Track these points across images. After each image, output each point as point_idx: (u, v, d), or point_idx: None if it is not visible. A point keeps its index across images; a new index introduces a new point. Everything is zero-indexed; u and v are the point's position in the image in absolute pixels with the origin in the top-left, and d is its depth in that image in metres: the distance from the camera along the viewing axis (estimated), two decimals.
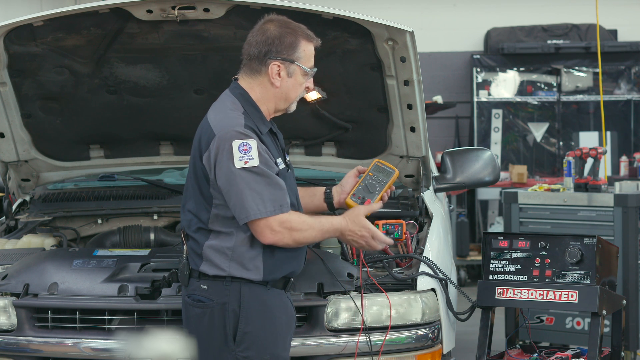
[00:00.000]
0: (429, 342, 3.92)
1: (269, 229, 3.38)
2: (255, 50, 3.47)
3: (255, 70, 3.49)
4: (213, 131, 3.40)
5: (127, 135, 4.76)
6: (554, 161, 10.74)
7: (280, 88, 3.50)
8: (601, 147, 6.14)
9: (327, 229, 3.54)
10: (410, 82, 4.13)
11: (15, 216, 4.85)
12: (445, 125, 11.16)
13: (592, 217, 5.87)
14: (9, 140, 4.55)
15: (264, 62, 3.47)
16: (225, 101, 3.51)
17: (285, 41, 3.46)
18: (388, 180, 3.82)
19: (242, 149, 3.34)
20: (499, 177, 5.08)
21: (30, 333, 3.88)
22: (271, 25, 3.49)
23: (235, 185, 3.35)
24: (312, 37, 3.54)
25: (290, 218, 3.42)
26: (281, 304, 3.52)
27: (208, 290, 3.45)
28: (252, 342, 3.43)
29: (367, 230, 3.61)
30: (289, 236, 3.42)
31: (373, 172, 3.85)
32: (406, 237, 4.19)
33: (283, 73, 3.48)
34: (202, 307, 3.45)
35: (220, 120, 3.43)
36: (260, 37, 3.47)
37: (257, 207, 3.35)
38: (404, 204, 4.63)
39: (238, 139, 3.35)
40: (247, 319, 3.42)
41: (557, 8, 11.14)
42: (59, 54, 4.19)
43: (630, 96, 10.70)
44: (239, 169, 3.34)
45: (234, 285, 3.43)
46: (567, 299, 4.06)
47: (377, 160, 3.89)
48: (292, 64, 3.49)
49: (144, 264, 4.08)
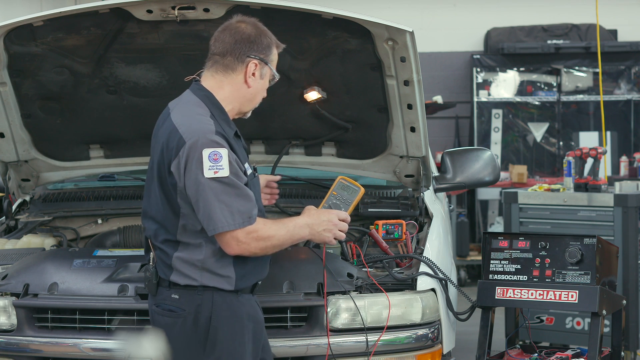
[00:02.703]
0: (429, 342, 3.93)
1: (235, 240, 3.29)
2: (234, 47, 3.39)
3: (229, 68, 3.42)
4: (182, 138, 3.28)
5: (127, 135, 4.75)
6: (554, 161, 10.74)
7: (251, 89, 3.44)
8: (601, 147, 6.14)
9: (293, 227, 3.43)
10: (410, 82, 4.13)
11: (15, 216, 4.86)
12: (445, 125, 11.16)
13: (592, 217, 5.87)
14: (9, 140, 4.55)
15: (242, 60, 3.40)
16: (191, 103, 3.42)
17: (263, 42, 3.43)
18: (353, 199, 3.69)
19: (213, 158, 3.24)
20: (499, 177, 5.08)
21: (30, 333, 3.88)
22: (245, 25, 3.43)
23: (203, 196, 3.25)
24: (280, 43, 3.51)
25: (257, 227, 3.32)
26: (250, 310, 3.45)
27: (180, 300, 3.36)
28: (222, 351, 3.36)
29: (330, 214, 3.53)
30: (256, 245, 3.33)
31: (337, 190, 3.72)
32: (406, 237, 4.20)
33: (257, 73, 3.43)
34: (173, 316, 3.37)
35: (189, 125, 3.31)
36: (238, 36, 3.40)
37: (226, 219, 3.26)
38: (404, 204, 4.63)
39: (209, 147, 3.24)
40: (217, 329, 3.35)
41: (557, 8, 11.14)
42: (59, 54, 4.19)
43: (630, 96, 10.70)
44: (209, 179, 3.24)
45: (207, 295, 3.35)
46: (567, 299, 4.05)
47: (341, 178, 3.77)
48: (266, 65, 3.45)
49: (144, 264, 4.08)
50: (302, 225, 3.47)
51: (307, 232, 3.48)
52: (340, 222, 3.54)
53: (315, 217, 3.50)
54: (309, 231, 3.48)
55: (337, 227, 3.53)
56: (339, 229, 3.53)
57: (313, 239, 3.55)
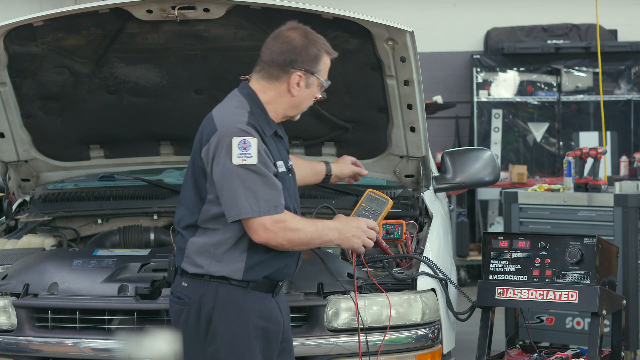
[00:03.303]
0: (429, 342, 3.93)
1: (262, 227, 3.34)
2: (279, 58, 3.43)
3: (274, 77, 3.47)
4: (215, 126, 3.39)
5: (127, 135, 4.76)
6: (554, 161, 10.74)
7: (295, 97, 3.49)
8: (601, 147, 6.14)
9: (322, 227, 3.49)
10: (410, 82, 4.13)
11: (15, 216, 4.85)
12: (445, 125, 11.15)
13: (592, 217, 5.86)
14: (9, 140, 4.55)
15: (287, 71, 3.45)
16: (232, 99, 3.50)
17: (310, 53, 3.45)
18: (382, 210, 3.80)
19: (242, 146, 3.32)
20: (499, 177, 5.08)
21: (30, 333, 3.88)
22: (295, 34, 3.46)
23: (229, 182, 3.33)
24: (332, 51, 3.53)
25: (285, 217, 3.39)
26: (263, 308, 3.46)
27: (187, 288, 3.44)
28: (222, 344, 3.39)
29: (359, 221, 3.59)
30: (283, 236, 3.37)
31: (366, 202, 3.83)
32: (406, 237, 4.20)
33: (302, 83, 3.47)
34: (181, 304, 3.45)
35: (223, 116, 3.42)
36: (286, 46, 3.44)
37: (250, 206, 3.32)
38: (404, 204, 4.63)
39: (239, 136, 3.33)
40: (219, 320, 3.39)
41: (557, 8, 11.13)
42: (59, 54, 4.19)
43: (630, 96, 10.69)
44: (236, 166, 3.31)
45: (212, 285, 3.40)
46: (567, 299, 4.05)
47: (370, 190, 3.88)
48: (312, 75, 3.48)
49: (144, 264, 4.08)
50: (332, 228, 3.52)
51: (336, 235, 3.53)
52: (369, 229, 3.60)
53: (345, 223, 3.57)
54: (338, 235, 3.53)
55: (365, 234, 3.59)
56: (367, 236, 3.59)
57: (341, 244, 3.59)
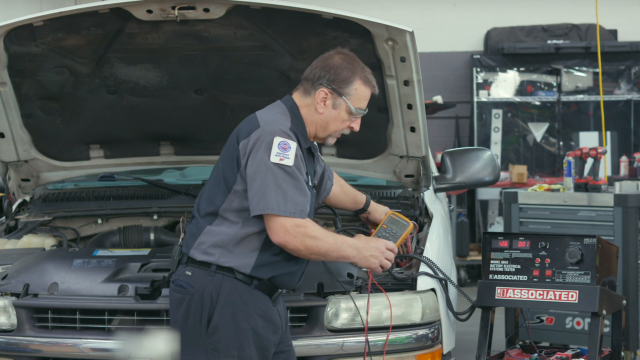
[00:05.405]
0: (429, 342, 3.93)
1: (282, 228, 3.37)
2: (312, 73, 3.55)
3: (307, 91, 3.57)
4: (259, 123, 3.45)
5: (127, 135, 4.76)
6: (554, 161, 10.74)
7: (322, 115, 3.55)
8: (601, 147, 6.14)
9: (342, 242, 3.52)
10: (410, 82, 4.13)
11: (15, 216, 4.86)
12: (445, 125, 11.16)
13: (592, 217, 5.86)
14: (9, 140, 4.55)
15: (315, 87, 3.53)
16: (275, 107, 3.58)
17: (341, 73, 3.53)
18: (402, 232, 3.83)
19: (282, 147, 3.38)
20: (499, 177, 5.09)
21: (30, 333, 3.88)
22: (338, 57, 3.57)
23: (262, 176, 3.37)
24: (370, 82, 3.59)
25: (307, 223, 3.42)
26: (265, 308, 3.50)
27: (191, 277, 3.46)
28: (222, 336, 3.42)
29: (378, 242, 3.64)
30: (301, 241, 3.40)
31: (387, 224, 3.86)
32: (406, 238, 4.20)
33: (329, 102, 3.54)
34: (183, 292, 3.46)
35: (267, 117, 3.49)
36: (322, 63, 3.55)
37: (278, 203, 3.36)
38: (404, 204, 4.63)
39: (280, 137, 3.40)
40: (221, 312, 3.42)
41: (557, 8, 11.14)
42: (59, 54, 4.19)
43: (630, 96, 10.70)
44: (273, 164, 3.37)
45: (217, 277, 3.43)
46: (567, 299, 4.05)
47: (392, 212, 3.92)
48: (340, 97, 3.53)
49: (144, 264, 4.09)
50: (351, 245, 3.55)
51: (354, 253, 3.55)
52: (387, 250, 3.63)
53: (364, 242, 3.61)
54: (356, 253, 3.56)
55: (384, 255, 3.62)
56: (385, 257, 3.62)
57: (358, 263, 3.61)
